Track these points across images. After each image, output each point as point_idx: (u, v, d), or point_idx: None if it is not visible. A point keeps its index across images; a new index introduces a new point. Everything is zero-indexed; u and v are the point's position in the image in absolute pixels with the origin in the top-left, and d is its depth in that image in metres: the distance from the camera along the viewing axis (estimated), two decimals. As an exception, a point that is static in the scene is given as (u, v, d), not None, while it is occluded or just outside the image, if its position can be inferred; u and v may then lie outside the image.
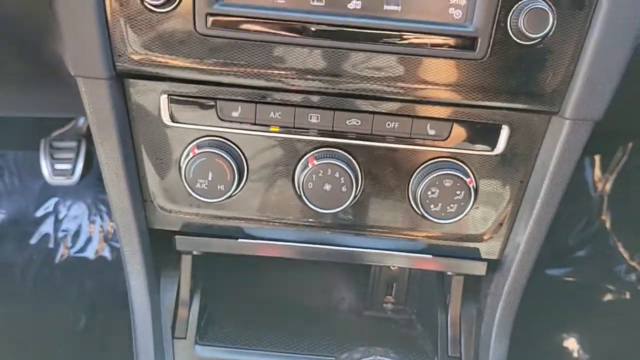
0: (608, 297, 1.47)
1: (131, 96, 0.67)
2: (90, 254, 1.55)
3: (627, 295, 1.44)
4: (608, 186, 1.62)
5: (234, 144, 0.69)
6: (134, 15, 0.61)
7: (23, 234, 1.57)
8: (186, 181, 0.68)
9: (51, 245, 1.57)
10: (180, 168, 0.69)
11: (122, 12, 0.61)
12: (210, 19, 0.61)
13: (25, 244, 1.56)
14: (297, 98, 0.67)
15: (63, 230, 1.60)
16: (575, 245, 1.59)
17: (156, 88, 0.67)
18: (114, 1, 0.61)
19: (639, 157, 1.52)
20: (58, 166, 1.50)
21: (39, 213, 1.64)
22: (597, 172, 1.65)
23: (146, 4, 0.60)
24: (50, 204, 1.65)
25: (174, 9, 0.60)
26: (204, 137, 0.68)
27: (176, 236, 0.79)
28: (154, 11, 0.61)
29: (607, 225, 1.59)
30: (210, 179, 0.68)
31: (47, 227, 1.61)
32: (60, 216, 1.64)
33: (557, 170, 0.68)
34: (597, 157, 1.64)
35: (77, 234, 1.59)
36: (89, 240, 1.58)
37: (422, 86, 0.64)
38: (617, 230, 1.56)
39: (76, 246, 1.57)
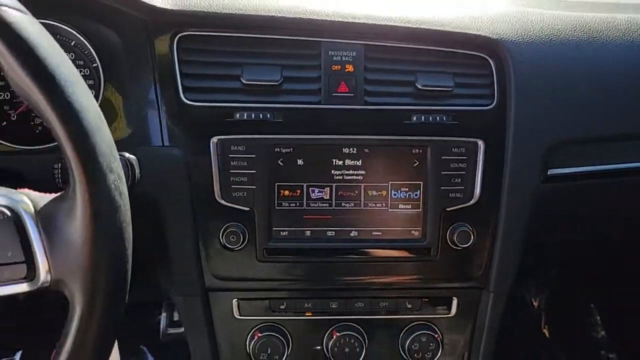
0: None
1: (214, 304, 1.02)
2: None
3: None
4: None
5: (283, 326, 1.03)
6: (217, 253, 0.98)
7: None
8: (253, 356, 1.02)
9: None
10: (246, 347, 1.03)
11: (210, 252, 0.98)
12: (265, 251, 0.98)
13: None
14: (322, 293, 1.03)
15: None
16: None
17: (230, 296, 1.02)
18: (204, 246, 0.97)
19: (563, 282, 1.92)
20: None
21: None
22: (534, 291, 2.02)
23: (225, 246, 0.97)
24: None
25: (243, 247, 0.97)
26: (262, 324, 1.03)
27: None
28: (231, 249, 0.97)
29: (547, 336, 1.94)
30: (269, 352, 1.01)
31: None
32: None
33: (489, 326, 1.05)
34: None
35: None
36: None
37: (400, 279, 1.02)
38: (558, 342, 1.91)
39: None
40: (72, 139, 0.59)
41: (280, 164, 0.97)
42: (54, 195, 0.63)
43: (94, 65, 1.03)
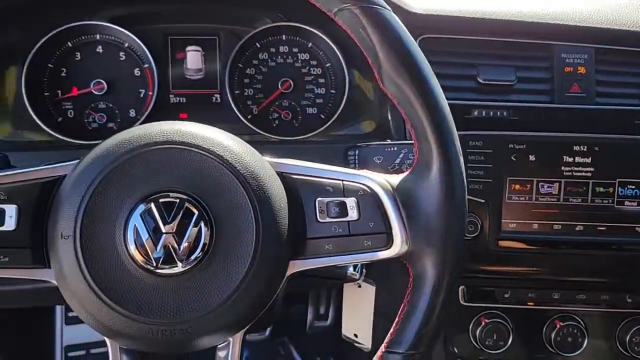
0: None
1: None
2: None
3: None
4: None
5: (506, 314, 1.09)
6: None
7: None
8: (479, 341, 1.07)
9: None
10: (470, 331, 1.09)
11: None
12: (497, 241, 1.04)
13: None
14: (545, 284, 1.08)
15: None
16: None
17: (457, 283, 1.08)
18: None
19: None
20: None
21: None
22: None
23: None
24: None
25: (475, 237, 1.03)
26: (486, 310, 1.09)
27: None
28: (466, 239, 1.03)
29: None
30: (494, 338, 1.07)
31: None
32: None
33: None
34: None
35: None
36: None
37: (622, 274, 1.06)
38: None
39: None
40: (436, 126, 0.66)
41: (513, 159, 1.02)
42: (402, 174, 0.70)
43: (327, 65, 1.12)
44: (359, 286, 1.09)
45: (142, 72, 1.08)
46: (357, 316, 1.08)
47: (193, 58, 1.12)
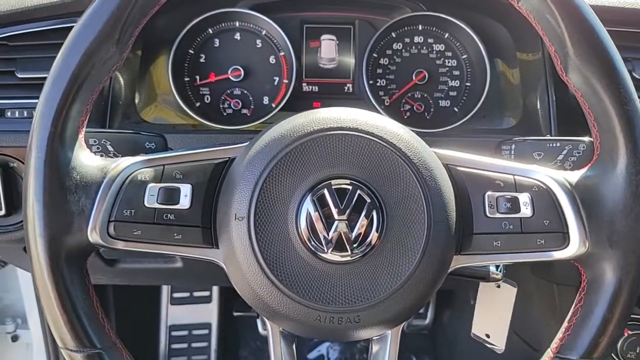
0: None
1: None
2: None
3: None
4: None
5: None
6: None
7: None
8: (619, 354, 1.01)
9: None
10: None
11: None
12: None
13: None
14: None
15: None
16: None
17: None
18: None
19: None
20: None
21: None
22: None
23: None
24: (322, 348, 2.01)
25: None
26: (630, 321, 1.02)
27: None
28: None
29: None
30: (637, 351, 1.00)
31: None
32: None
33: None
34: None
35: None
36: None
37: None
38: None
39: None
40: (626, 121, 0.61)
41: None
42: (581, 170, 0.66)
43: (464, 56, 1.08)
44: (498, 286, 1.04)
45: (277, 59, 1.09)
46: (492, 316, 1.04)
47: (327, 47, 1.11)
